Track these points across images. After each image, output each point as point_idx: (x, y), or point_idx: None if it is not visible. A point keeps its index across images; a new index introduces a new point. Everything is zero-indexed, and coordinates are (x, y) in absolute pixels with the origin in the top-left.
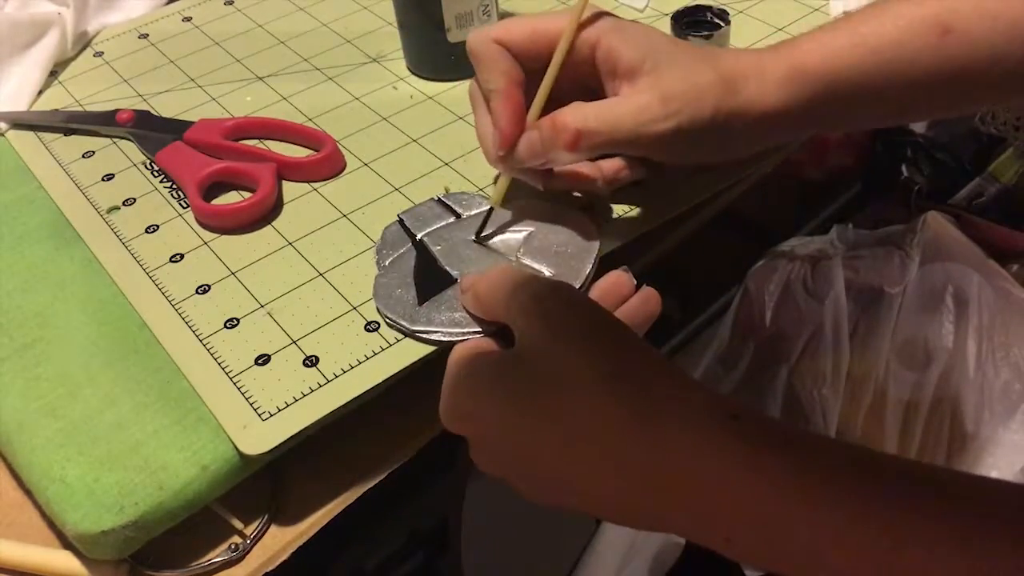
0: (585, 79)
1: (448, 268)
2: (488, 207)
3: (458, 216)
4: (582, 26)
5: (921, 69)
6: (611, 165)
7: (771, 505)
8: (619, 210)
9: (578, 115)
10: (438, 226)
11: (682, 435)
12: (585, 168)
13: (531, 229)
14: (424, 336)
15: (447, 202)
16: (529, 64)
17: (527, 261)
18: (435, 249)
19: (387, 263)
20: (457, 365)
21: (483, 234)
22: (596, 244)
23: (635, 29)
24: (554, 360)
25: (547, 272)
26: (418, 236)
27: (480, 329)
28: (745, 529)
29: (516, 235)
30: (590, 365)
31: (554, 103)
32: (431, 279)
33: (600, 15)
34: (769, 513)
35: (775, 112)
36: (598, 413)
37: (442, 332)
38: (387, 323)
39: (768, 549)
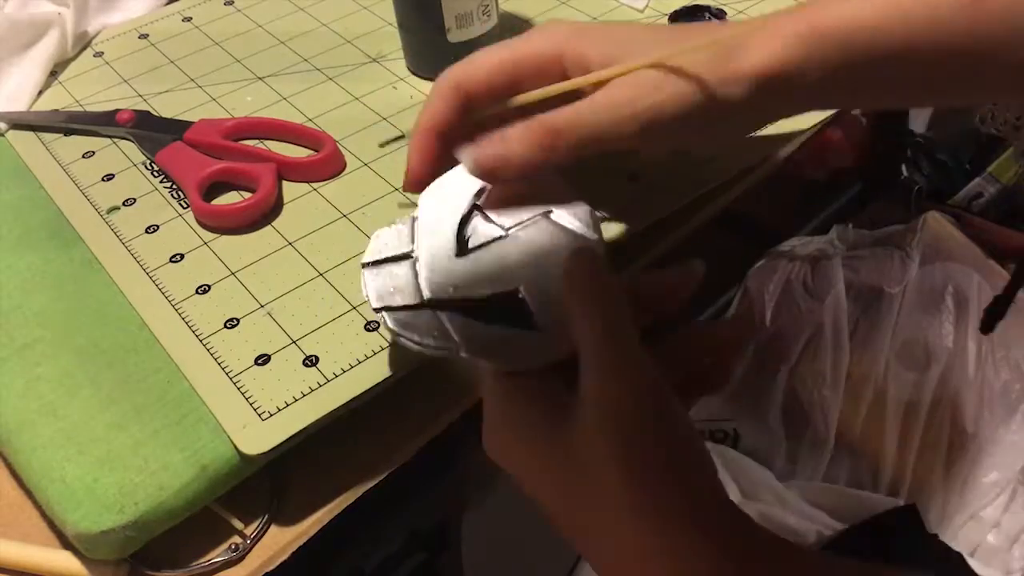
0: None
1: (494, 291)
2: (409, 219)
3: (409, 255)
4: (541, 47)
5: (948, 36)
6: None
7: None
8: (617, 207)
9: (549, 115)
10: (415, 279)
11: None
12: None
13: (466, 203)
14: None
15: (380, 259)
16: (490, 103)
17: (519, 223)
18: (456, 294)
19: (455, 339)
20: (505, 398)
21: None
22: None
23: (602, 29)
24: (611, 469)
25: (540, 214)
26: (425, 301)
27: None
28: None
29: (473, 219)
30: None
31: None
32: (504, 309)
33: (556, 26)
34: None
35: (781, 75)
36: (626, 540)
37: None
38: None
39: None
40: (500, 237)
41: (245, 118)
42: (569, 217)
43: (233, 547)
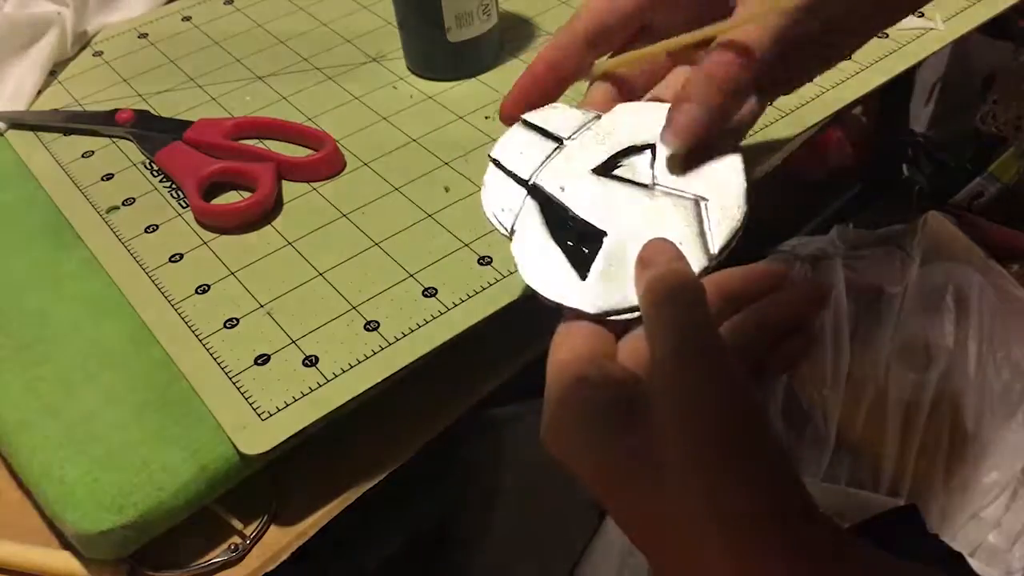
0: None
1: (589, 219)
2: (592, 115)
3: (560, 140)
4: None
5: None
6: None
7: None
8: None
9: (712, 57)
10: (545, 160)
11: None
12: None
13: (652, 139)
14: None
15: (537, 124)
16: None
17: (668, 188)
18: (559, 195)
19: (512, 225)
20: (569, 390)
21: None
22: (737, 150)
23: None
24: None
25: (696, 194)
26: (529, 179)
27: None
28: None
29: (640, 154)
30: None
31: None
32: (578, 239)
33: None
34: None
35: None
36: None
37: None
38: (565, 310)
39: None
40: (644, 185)
41: (245, 118)
42: (716, 219)
43: (233, 547)
